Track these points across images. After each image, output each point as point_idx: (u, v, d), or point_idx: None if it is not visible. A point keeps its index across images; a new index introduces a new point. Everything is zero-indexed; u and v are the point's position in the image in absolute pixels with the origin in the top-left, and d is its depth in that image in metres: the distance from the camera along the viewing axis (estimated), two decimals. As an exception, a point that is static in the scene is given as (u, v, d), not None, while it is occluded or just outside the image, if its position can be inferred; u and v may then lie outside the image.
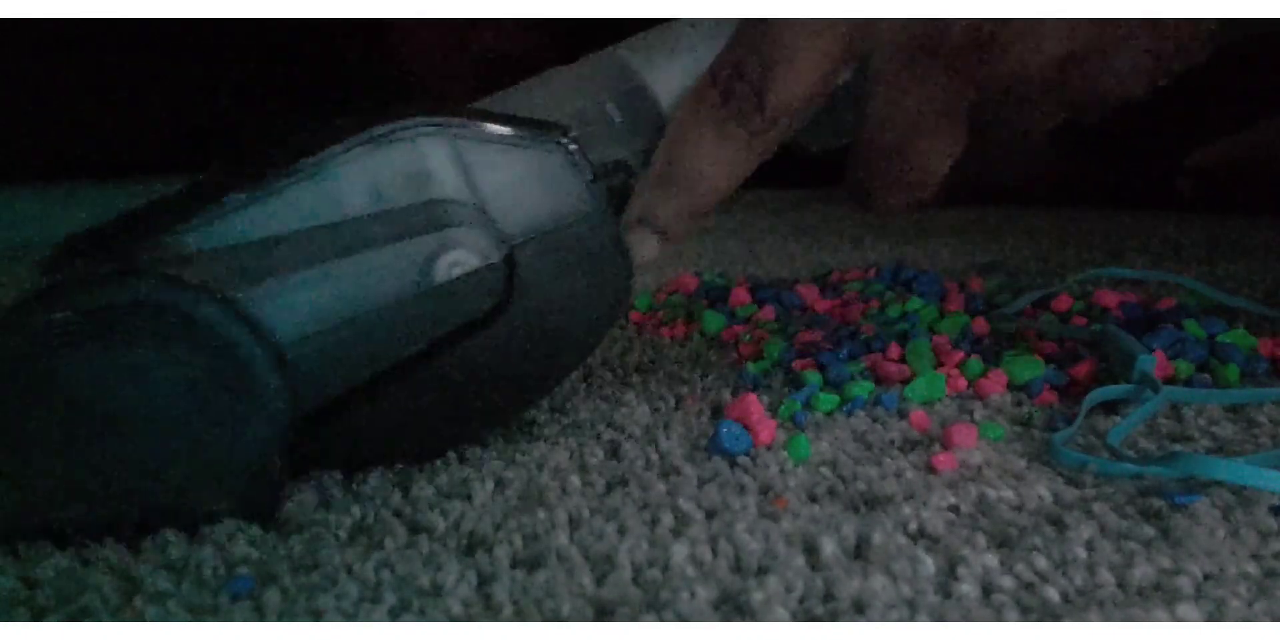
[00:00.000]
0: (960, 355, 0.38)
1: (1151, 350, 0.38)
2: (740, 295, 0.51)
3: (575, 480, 0.28)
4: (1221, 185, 1.01)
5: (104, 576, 0.23)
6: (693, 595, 0.21)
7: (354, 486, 0.29)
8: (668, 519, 0.25)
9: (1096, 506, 0.25)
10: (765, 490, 0.27)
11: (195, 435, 0.25)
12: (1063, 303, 0.49)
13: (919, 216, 0.91)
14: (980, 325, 0.45)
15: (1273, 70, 0.86)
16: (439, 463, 0.30)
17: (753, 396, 0.32)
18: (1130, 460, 0.28)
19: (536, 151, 0.28)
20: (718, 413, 0.35)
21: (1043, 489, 0.27)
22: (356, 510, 0.27)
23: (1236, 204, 1.02)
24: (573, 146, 0.29)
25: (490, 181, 0.28)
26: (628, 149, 0.32)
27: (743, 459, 0.30)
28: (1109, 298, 0.49)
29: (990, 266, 0.64)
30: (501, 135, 0.28)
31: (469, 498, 0.27)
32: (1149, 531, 0.24)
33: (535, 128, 0.29)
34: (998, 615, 0.20)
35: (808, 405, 0.34)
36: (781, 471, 0.29)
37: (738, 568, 0.23)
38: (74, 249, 0.26)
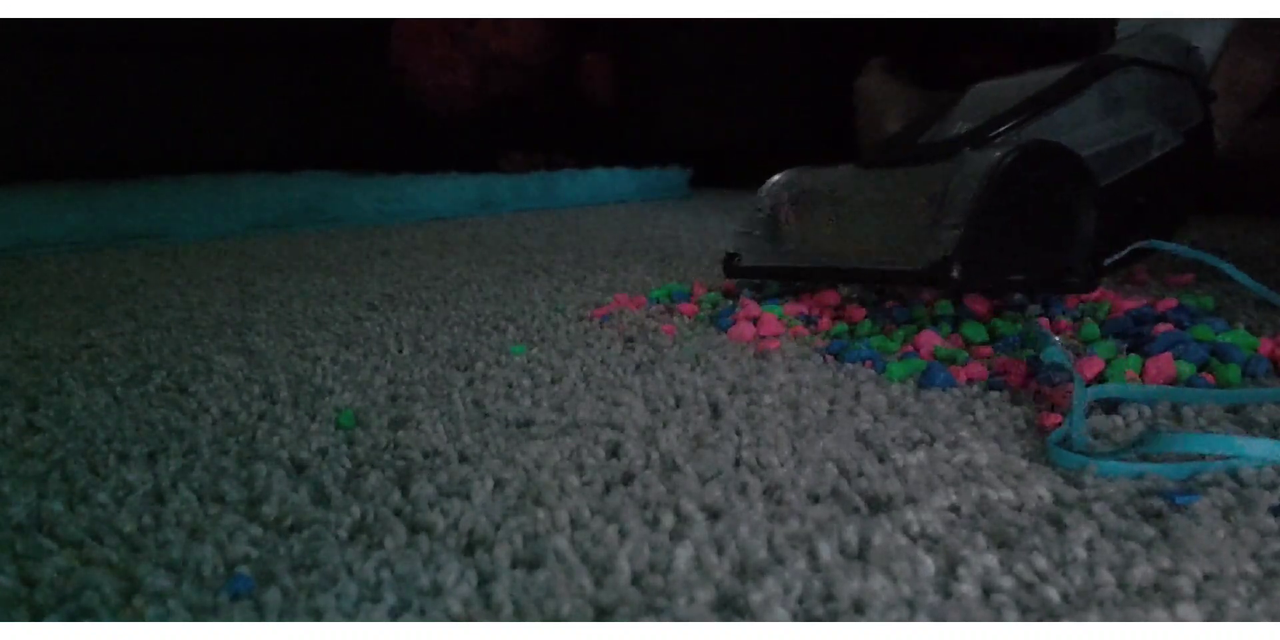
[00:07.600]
0: None
1: (1147, 352, 0.38)
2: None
3: (574, 480, 0.28)
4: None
5: (104, 575, 0.23)
6: (691, 600, 0.21)
7: (354, 485, 0.29)
8: (668, 519, 0.25)
9: (1096, 507, 0.25)
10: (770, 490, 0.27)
11: (1065, 223, 0.45)
12: (1070, 300, 0.49)
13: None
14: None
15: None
16: (438, 461, 0.30)
17: None
18: (1084, 452, 0.29)
19: (1181, 80, 0.55)
20: (716, 410, 0.35)
21: (1043, 489, 0.27)
22: (356, 509, 0.27)
23: (1222, 203, 1.02)
24: (1195, 79, 0.56)
25: (1169, 94, 0.54)
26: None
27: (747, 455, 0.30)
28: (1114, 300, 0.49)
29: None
30: (1166, 69, 0.54)
31: (468, 497, 0.27)
32: (1149, 532, 0.24)
33: (1171, 69, 0.54)
34: (997, 615, 0.20)
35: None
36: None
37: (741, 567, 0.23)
38: (979, 136, 0.48)
